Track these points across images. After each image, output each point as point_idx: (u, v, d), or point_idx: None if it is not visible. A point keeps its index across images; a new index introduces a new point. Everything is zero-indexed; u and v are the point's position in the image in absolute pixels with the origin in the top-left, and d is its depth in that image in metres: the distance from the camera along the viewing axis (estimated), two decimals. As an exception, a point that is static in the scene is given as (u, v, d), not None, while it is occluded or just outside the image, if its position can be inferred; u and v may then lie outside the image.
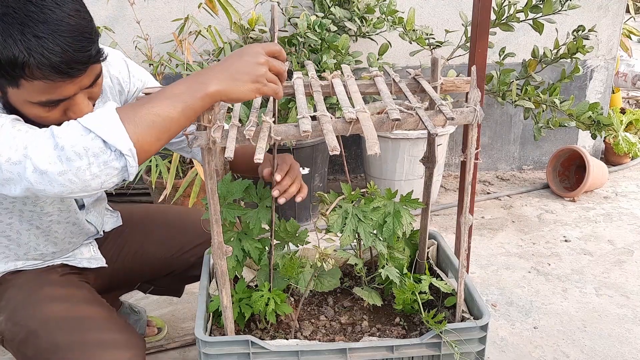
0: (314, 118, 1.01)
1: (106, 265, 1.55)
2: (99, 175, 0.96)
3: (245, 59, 1.00)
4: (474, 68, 1.13)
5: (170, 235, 1.62)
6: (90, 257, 1.52)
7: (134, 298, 2.22)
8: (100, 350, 1.24)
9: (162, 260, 1.62)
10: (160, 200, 2.67)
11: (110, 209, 1.65)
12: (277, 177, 1.26)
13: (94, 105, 1.17)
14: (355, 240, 1.32)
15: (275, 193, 1.25)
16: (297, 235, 1.33)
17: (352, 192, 1.32)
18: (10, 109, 1.11)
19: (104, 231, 1.59)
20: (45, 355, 1.24)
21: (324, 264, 1.30)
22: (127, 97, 1.41)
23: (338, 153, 0.89)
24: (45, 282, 1.38)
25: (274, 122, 1.05)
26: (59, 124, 1.02)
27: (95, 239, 1.57)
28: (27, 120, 1.10)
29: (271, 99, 1.13)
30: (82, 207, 1.45)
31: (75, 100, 1.11)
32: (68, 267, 1.47)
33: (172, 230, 1.63)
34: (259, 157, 0.91)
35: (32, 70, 1.02)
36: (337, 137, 0.95)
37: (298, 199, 1.31)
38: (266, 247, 1.31)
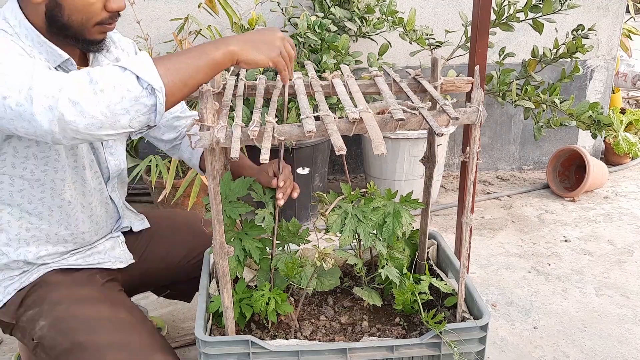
0: (316, 118, 1.01)
1: (134, 261, 1.56)
2: (129, 111, 1.00)
3: (267, 33, 1.16)
4: (477, 68, 1.13)
5: (197, 241, 1.63)
6: (120, 254, 1.54)
7: (134, 298, 2.21)
8: (145, 353, 1.26)
9: (187, 265, 1.64)
10: (159, 200, 2.67)
11: (134, 211, 1.67)
12: (280, 183, 1.34)
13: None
14: (354, 241, 1.32)
15: (279, 195, 1.33)
16: (298, 234, 1.33)
17: (352, 192, 1.32)
18: (52, 15, 1.20)
19: (132, 231, 1.61)
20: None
21: (323, 263, 1.30)
22: None
23: (345, 153, 0.89)
24: (88, 287, 1.39)
25: (277, 122, 1.05)
26: (97, 22, 1.22)
27: (124, 236, 1.59)
28: (70, 25, 1.21)
29: (272, 99, 1.13)
30: (107, 180, 1.48)
31: None
32: (105, 273, 1.49)
33: (199, 237, 1.63)
34: (265, 157, 0.91)
35: None
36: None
37: (295, 194, 1.40)
38: (267, 248, 1.32)
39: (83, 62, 1.36)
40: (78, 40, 1.26)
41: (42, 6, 1.21)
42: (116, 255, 1.52)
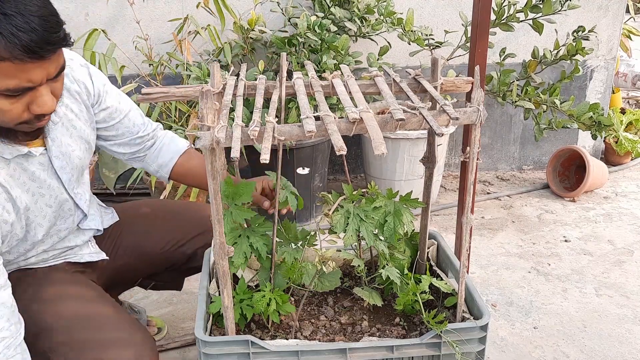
0: (316, 118, 1.01)
1: (107, 258, 1.56)
2: None
3: None
4: (477, 68, 1.13)
5: (166, 229, 1.62)
6: (90, 252, 1.53)
7: (134, 298, 2.22)
8: (116, 348, 1.25)
9: (160, 253, 1.62)
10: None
11: (103, 205, 1.64)
12: (270, 210, 1.38)
13: (57, 103, 1.18)
14: (355, 241, 1.32)
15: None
16: (306, 239, 1.33)
17: (354, 192, 1.32)
18: None
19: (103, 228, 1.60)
20: (62, 350, 1.26)
21: (323, 267, 1.30)
22: (93, 101, 1.43)
23: (345, 153, 0.89)
24: (55, 280, 1.39)
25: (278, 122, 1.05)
26: (20, 122, 1.11)
27: (94, 236, 1.58)
28: None
29: (272, 99, 1.13)
30: (85, 216, 1.49)
31: (39, 92, 1.11)
32: (73, 265, 1.48)
33: (168, 224, 1.63)
34: (265, 157, 0.91)
35: (1, 50, 1.00)
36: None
37: (283, 211, 1.42)
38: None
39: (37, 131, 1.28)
40: (10, 134, 1.18)
41: None
42: (85, 252, 1.52)
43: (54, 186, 1.34)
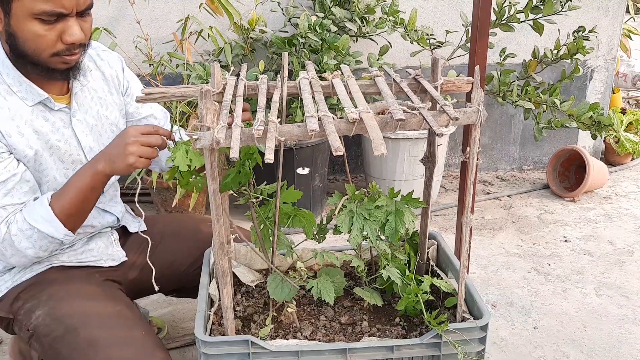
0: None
1: (126, 259, 1.57)
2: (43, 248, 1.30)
3: (117, 142, 1.24)
4: (477, 68, 1.13)
5: (203, 249, 1.62)
6: (112, 252, 1.54)
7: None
8: (114, 347, 1.26)
9: (194, 273, 1.60)
10: (174, 205, 2.64)
11: (132, 214, 1.66)
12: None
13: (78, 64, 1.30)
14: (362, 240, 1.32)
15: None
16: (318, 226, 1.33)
17: (356, 192, 1.32)
18: (10, 43, 1.21)
19: (126, 229, 1.61)
20: (58, 347, 1.26)
21: (291, 273, 1.32)
22: (123, 90, 1.53)
23: (342, 153, 0.88)
24: (86, 282, 1.41)
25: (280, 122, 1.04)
26: (53, 52, 1.21)
27: (119, 239, 1.59)
28: (26, 53, 1.21)
29: (273, 99, 1.13)
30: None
31: (70, 22, 1.21)
32: (105, 274, 1.49)
33: (205, 245, 1.62)
34: (270, 157, 0.91)
35: None
36: (339, 137, 0.95)
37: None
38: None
39: (65, 89, 1.37)
40: (38, 67, 1.25)
41: (4, 34, 1.22)
42: (109, 253, 1.53)
43: (72, 144, 1.37)
